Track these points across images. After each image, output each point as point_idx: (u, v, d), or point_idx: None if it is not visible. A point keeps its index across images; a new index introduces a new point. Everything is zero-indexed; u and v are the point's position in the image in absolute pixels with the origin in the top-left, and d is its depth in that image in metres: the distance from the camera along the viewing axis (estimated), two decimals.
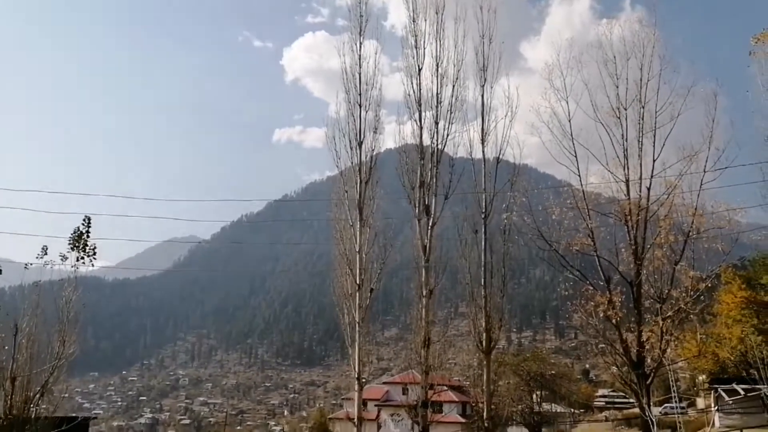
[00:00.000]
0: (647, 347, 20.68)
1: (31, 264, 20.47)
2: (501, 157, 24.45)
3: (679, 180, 21.36)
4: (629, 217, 21.52)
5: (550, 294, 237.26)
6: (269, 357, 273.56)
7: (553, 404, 55.03)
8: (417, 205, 23.94)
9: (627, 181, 21.89)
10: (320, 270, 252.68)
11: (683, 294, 20.34)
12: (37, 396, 19.85)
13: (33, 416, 19.45)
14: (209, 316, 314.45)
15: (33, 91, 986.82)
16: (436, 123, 24.29)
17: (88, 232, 20.72)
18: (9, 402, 19.08)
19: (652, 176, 21.67)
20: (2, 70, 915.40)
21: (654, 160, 21.74)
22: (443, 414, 49.26)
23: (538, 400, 51.02)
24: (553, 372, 54.48)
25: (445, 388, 47.80)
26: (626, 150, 22.10)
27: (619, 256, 22.00)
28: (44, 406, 20.05)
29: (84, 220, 20.94)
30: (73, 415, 22.45)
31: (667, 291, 20.87)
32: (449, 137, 24.33)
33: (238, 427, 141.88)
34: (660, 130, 21.87)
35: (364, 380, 24.07)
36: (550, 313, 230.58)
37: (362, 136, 25.30)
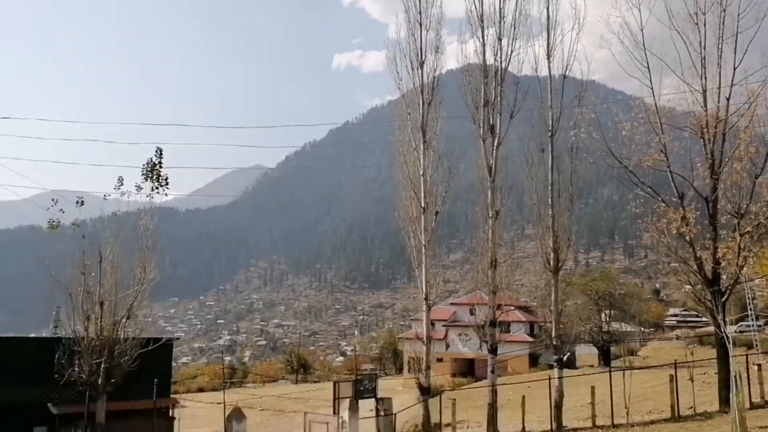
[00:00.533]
0: (723, 264, 20.10)
1: (109, 195, 21.35)
2: (567, 73, 23.58)
3: (762, 88, 20.09)
4: (706, 129, 20.52)
5: (619, 213, 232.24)
6: (338, 281, 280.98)
7: (622, 323, 54.74)
8: (481, 125, 23.51)
9: (704, 92, 20.75)
10: (384, 195, 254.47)
11: (763, 208, 19.49)
12: (124, 319, 21.07)
13: (121, 337, 20.74)
14: (279, 242, 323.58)
15: (111, 27, 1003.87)
16: (500, 40, 23.48)
17: (160, 162, 21.36)
18: (99, 324, 20.34)
19: (732, 85, 20.41)
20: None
21: (735, 68, 20.41)
22: (511, 333, 49.98)
23: (607, 319, 50.86)
24: (622, 291, 53.94)
25: (513, 308, 48.19)
26: (704, 58, 20.84)
27: (694, 171, 21.14)
28: (130, 329, 21.30)
29: (156, 151, 21.58)
30: (158, 336, 23.75)
31: (745, 206, 20.02)
32: (513, 54, 23.54)
33: (312, 347, 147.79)
34: (742, 35, 20.42)
35: (431, 301, 24.48)
36: (619, 232, 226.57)
37: (423, 57, 24.84)
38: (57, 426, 20.83)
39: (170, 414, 24.25)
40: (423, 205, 24.05)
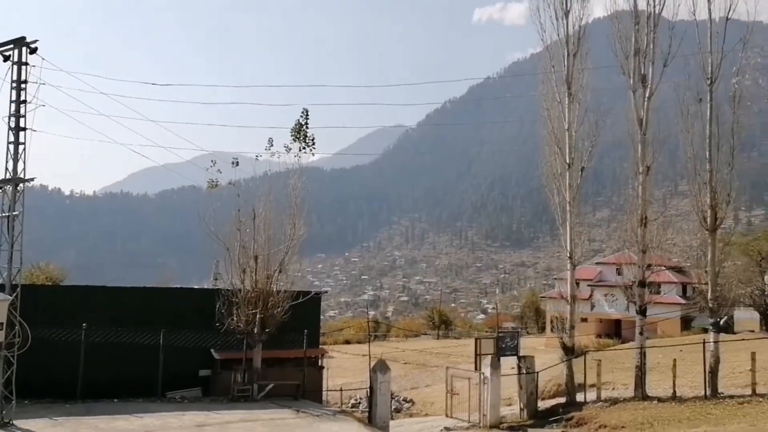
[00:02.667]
0: None
1: (261, 156, 22.58)
2: (731, 15, 21.50)
3: None
4: None
5: None
6: (479, 239, 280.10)
7: None
8: (632, 75, 22.22)
9: None
10: (526, 152, 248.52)
11: None
12: (276, 273, 22.42)
13: (274, 290, 22.10)
14: (420, 200, 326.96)
15: None
16: None
17: (306, 123, 22.22)
18: (254, 277, 21.80)
19: None
20: None
21: None
22: (661, 294, 47.58)
23: None
24: None
25: (664, 268, 45.76)
26: None
27: None
28: (282, 282, 22.63)
29: (302, 112, 22.47)
30: (307, 290, 25.04)
31: None
32: None
33: (453, 304, 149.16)
34: None
35: (576, 260, 23.83)
36: None
37: (569, 6, 23.72)
38: (219, 370, 22.70)
39: (319, 363, 25.61)
40: (568, 161, 23.26)
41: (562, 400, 23.56)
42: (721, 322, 22.50)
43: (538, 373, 23.73)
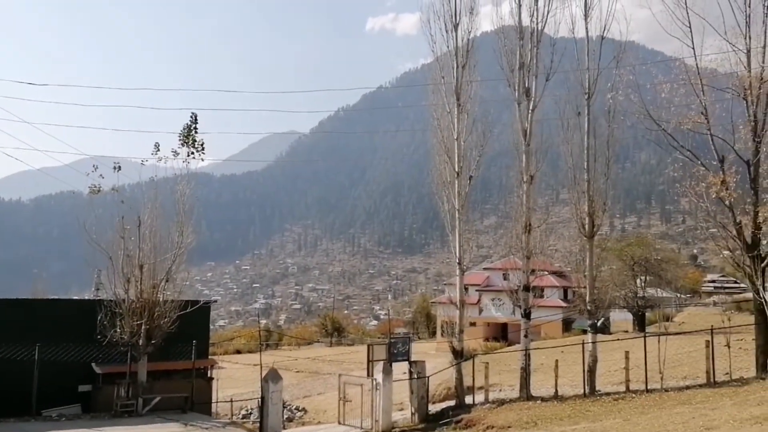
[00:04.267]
0: (764, 229, 19.68)
1: (146, 161, 21.72)
2: (606, 34, 22.94)
3: None
4: (749, 91, 19.87)
5: (656, 178, 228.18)
6: (371, 245, 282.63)
7: (658, 289, 54.11)
8: (517, 88, 23.17)
9: (748, 52, 20.03)
10: (418, 160, 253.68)
11: None
12: (163, 282, 21.63)
13: (161, 300, 21.28)
14: (313, 207, 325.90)
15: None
16: (536, 0, 23.00)
17: (195, 128, 21.60)
18: (139, 287, 20.91)
19: None
20: None
21: None
22: (544, 298, 49.83)
23: (642, 285, 50.31)
24: (658, 257, 53.17)
25: (546, 273, 47.98)
26: (749, 17, 20.04)
27: (735, 133, 20.55)
28: (169, 292, 21.84)
29: (191, 116, 21.83)
30: (195, 299, 24.29)
31: None
32: (549, 15, 23.00)
33: (346, 311, 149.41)
34: None
35: (464, 266, 24.49)
36: (656, 197, 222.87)
37: (458, 19, 24.40)
38: (101, 384, 21.56)
39: (209, 374, 24.90)
40: (457, 170, 23.90)
41: (452, 402, 24.11)
42: (599, 324, 23.83)
43: (428, 377, 24.18)
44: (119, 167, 21.52)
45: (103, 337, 20.26)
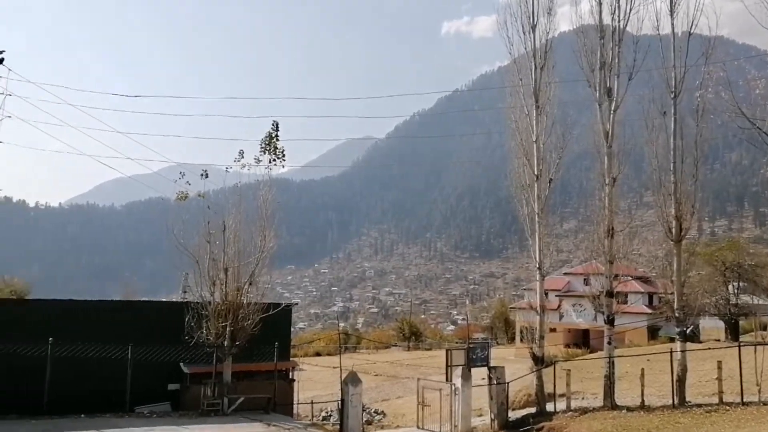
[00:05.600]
0: None
1: (230, 168, 22.47)
2: (693, 29, 22.04)
3: None
4: None
5: (749, 179, 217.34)
6: (448, 250, 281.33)
7: (752, 296, 51.38)
8: (597, 88, 22.60)
9: None
10: (495, 163, 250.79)
11: None
12: (246, 285, 22.26)
13: (244, 302, 21.93)
14: (389, 211, 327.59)
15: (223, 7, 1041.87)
16: None
17: (277, 135, 22.17)
18: (224, 290, 21.62)
19: None
20: None
21: None
22: (628, 304, 48.24)
23: (735, 291, 47.90)
24: (752, 262, 50.48)
25: (630, 278, 46.42)
26: None
27: None
28: (252, 294, 22.47)
29: (272, 124, 22.41)
30: (277, 302, 24.87)
31: None
32: (632, 12, 22.33)
33: (423, 315, 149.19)
34: None
35: (544, 271, 24.06)
36: (749, 199, 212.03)
37: (535, 20, 24.06)
38: (188, 383, 22.38)
39: (290, 376, 25.42)
40: (536, 173, 23.54)
41: (533, 410, 23.70)
42: (688, 331, 22.87)
43: (508, 383, 23.86)
44: (206, 174, 22.34)
45: (190, 338, 21.03)
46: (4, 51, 16.28)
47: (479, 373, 23.90)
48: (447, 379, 23.38)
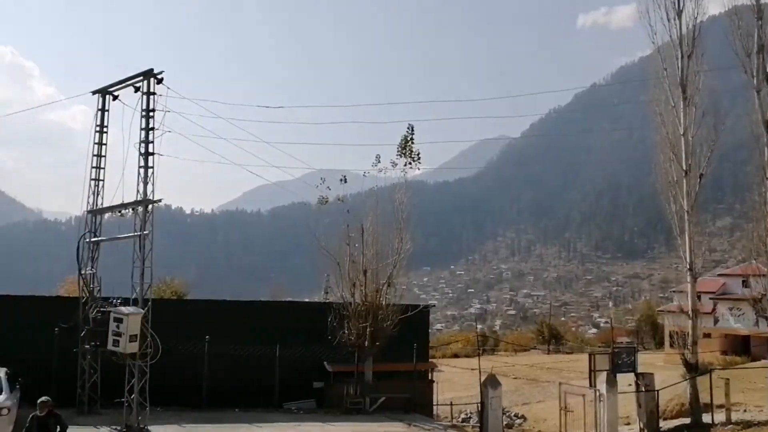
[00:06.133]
0: None
1: (368, 172, 23.05)
2: None
3: None
4: None
5: None
6: (588, 250, 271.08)
7: None
8: (755, 73, 20.96)
9: None
10: (637, 159, 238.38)
11: None
12: (385, 286, 22.73)
13: (383, 303, 22.40)
14: (525, 211, 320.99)
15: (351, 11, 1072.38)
16: None
17: (412, 139, 22.48)
18: (364, 291, 22.20)
19: None
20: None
21: None
22: None
23: None
24: None
25: None
26: None
27: None
28: (390, 296, 22.90)
29: (408, 128, 22.74)
30: (415, 303, 25.17)
31: None
32: None
33: (562, 318, 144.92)
34: None
35: (696, 272, 22.62)
36: None
37: (681, 5, 22.70)
38: (332, 382, 23.18)
39: (429, 377, 25.61)
40: (685, 168, 22.17)
41: (687, 420, 22.34)
42: None
43: (658, 391, 22.63)
44: (345, 179, 23.09)
45: (332, 338, 21.79)
46: (163, 71, 17.67)
47: (625, 380, 22.85)
48: (590, 385, 22.55)
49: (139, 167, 17.71)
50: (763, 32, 20.95)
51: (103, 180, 19.81)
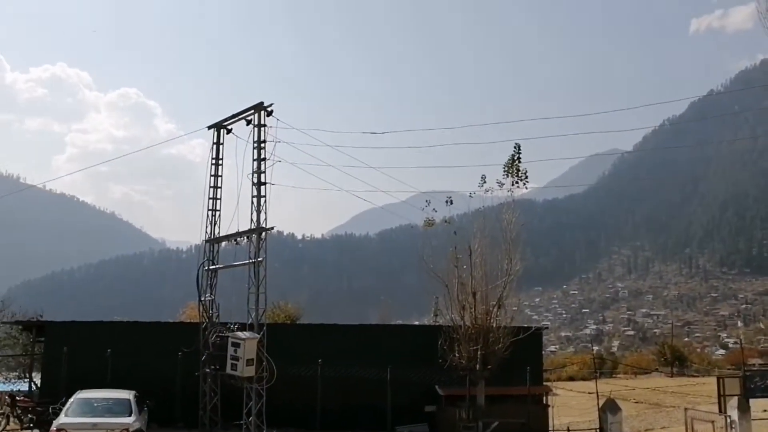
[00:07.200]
0: None
1: (474, 193, 22.93)
2: None
3: None
4: None
5: None
6: (712, 266, 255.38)
7: None
8: None
9: None
10: (764, 167, 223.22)
11: None
12: (495, 308, 22.37)
13: (494, 326, 22.05)
14: (641, 227, 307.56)
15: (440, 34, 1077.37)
16: None
17: (519, 157, 22.18)
18: (473, 313, 21.96)
19: None
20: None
21: None
22: None
23: None
24: None
25: None
26: None
27: None
28: (501, 318, 22.51)
29: (515, 146, 22.47)
30: (527, 325, 24.63)
31: None
32: None
33: (686, 339, 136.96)
34: None
35: None
36: None
37: None
38: (444, 405, 23.01)
39: (544, 401, 24.90)
40: None
41: None
42: None
43: None
44: (451, 201, 23.05)
45: (443, 361, 21.66)
46: (272, 104, 18.46)
47: (758, 405, 21.23)
48: (720, 411, 21.14)
49: (252, 197, 18.52)
50: None
51: (219, 210, 20.89)
